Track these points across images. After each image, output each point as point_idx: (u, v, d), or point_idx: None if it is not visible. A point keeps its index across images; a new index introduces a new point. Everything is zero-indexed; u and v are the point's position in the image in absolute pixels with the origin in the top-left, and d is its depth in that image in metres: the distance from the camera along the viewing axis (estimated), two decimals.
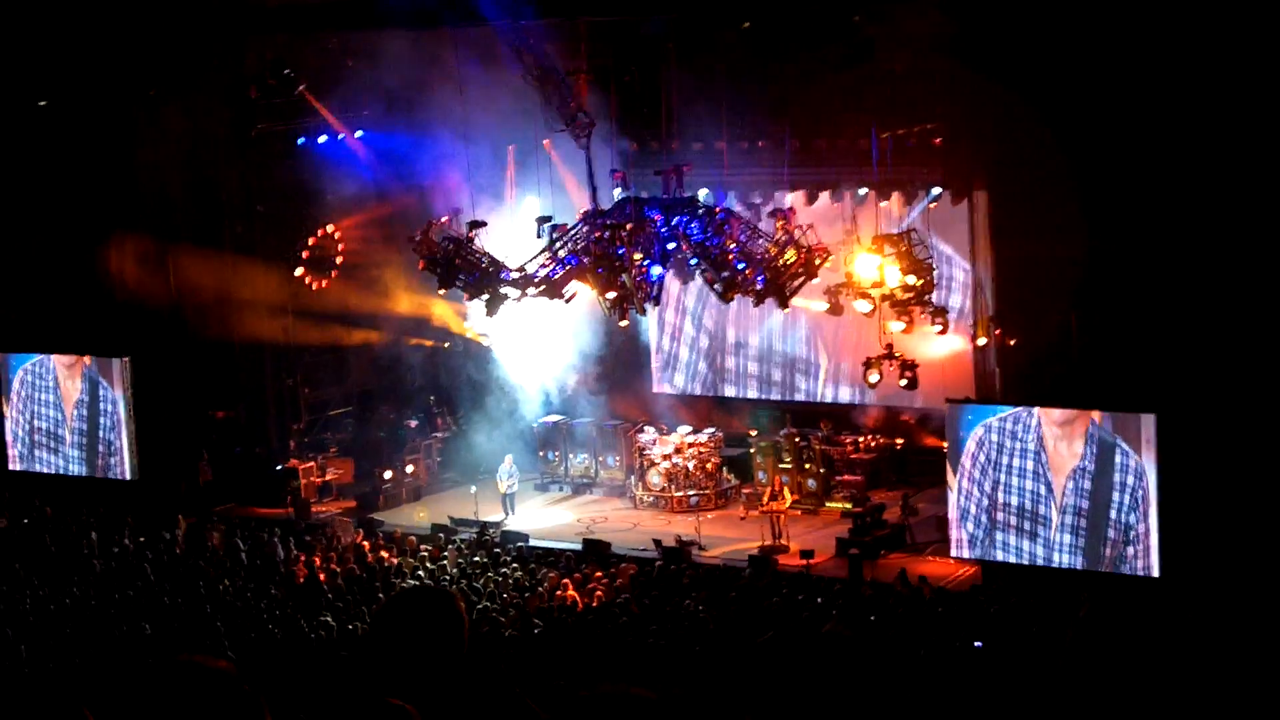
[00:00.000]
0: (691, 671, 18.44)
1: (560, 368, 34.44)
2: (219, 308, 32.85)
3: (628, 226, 28.29)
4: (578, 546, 28.61)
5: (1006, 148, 27.02)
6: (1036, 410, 25.60)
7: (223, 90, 31.90)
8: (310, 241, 34.07)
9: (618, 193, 29.53)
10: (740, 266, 28.13)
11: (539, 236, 29.10)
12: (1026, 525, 25.64)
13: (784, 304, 28.52)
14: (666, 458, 32.40)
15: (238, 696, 3.57)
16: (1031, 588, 24.25)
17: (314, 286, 34.13)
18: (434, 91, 30.37)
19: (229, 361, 33.99)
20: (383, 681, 4.56)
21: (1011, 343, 28.03)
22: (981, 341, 29.86)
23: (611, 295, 28.53)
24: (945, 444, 27.13)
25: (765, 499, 29.55)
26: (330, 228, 34.34)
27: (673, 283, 30.24)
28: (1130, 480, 24.51)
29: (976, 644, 19.76)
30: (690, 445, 32.52)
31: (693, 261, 28.86)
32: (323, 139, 33.57)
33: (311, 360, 35.04)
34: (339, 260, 34.55)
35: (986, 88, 26.01)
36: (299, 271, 33.90)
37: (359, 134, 33.80)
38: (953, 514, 26.29)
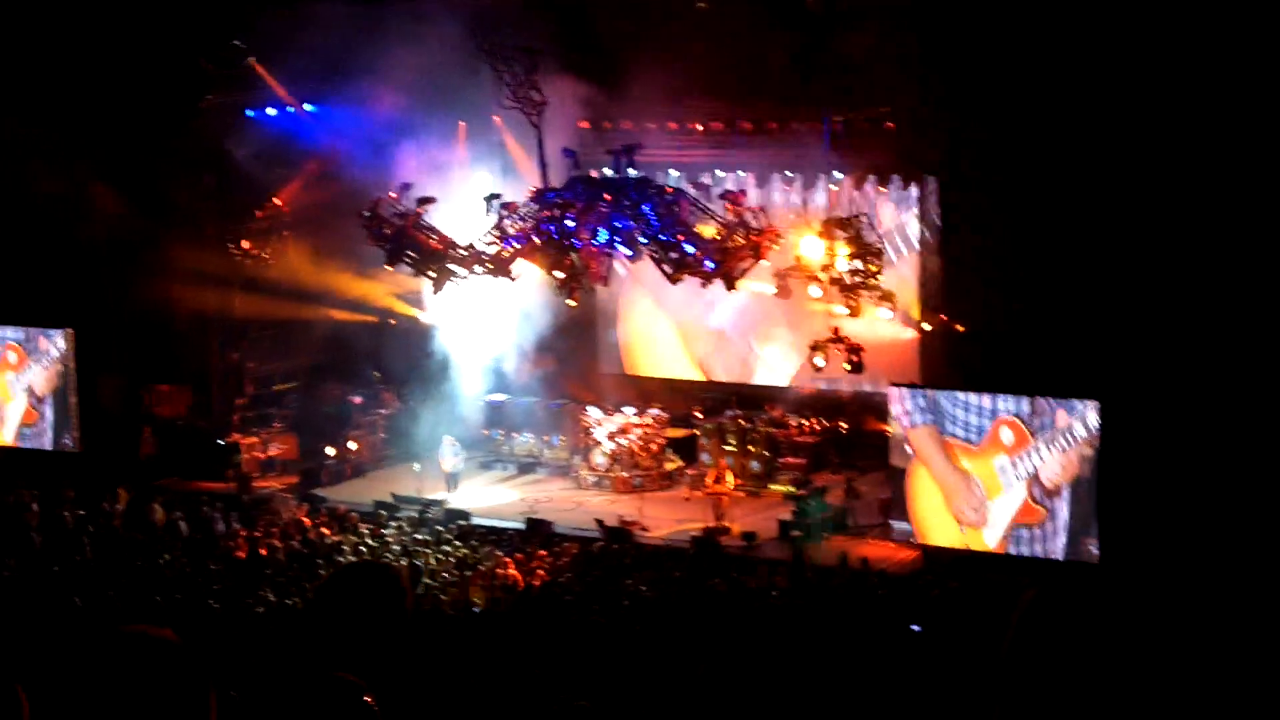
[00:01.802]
0: (632, 650, 18.45)
1: (507, 346, 34.33)
2: (164, 280, 32.57)
3: (577, 205, 28.23)
4: (521, 526, 28.56)
5: (959, 134, 27.09)
6: (973, 396, 25.81)
7: (170, 61, 31.57)
8: (257, 215, 33.81)
9: (568, 171, 29.44)
10: (689, 248, 28.10)
11: (488, 214, 28.99)
12: (970, 515, 25.94)
13: (732, 286, 28.52)
14: (611, 438, 32.39)
15: (183, 665, 3.54)
16: (973, 572, 24.40)
17: (260, 260, 33.88)
18: (385, 66, 30.14)
19: (173, 335, 33.72)
20: (323, 657, 4.53)
21: (958, 329, 28.14)
22: (928, 327, 29.97)
23: (560, 274, 28.49)
24: (889, 428, 27.25)
25: (708, 480, 29.59)
26: (278, 201, 34.09)
27: (621, 263, 30.17)
28: (1049, 464, 24.94)
29: (914, 628, 19.85)
30: (635, 426, 32.51)
31: (642, 241, 28.80)
32: (272, 111, 33.32)
33: (257, 334, 34.79)
34: (286, 234, 34.30)
35: (940, 73, 26.08)
36: (245, 244, 33.65)
37: (308, 107, 33.56)
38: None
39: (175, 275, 32.61)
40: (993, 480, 25.66)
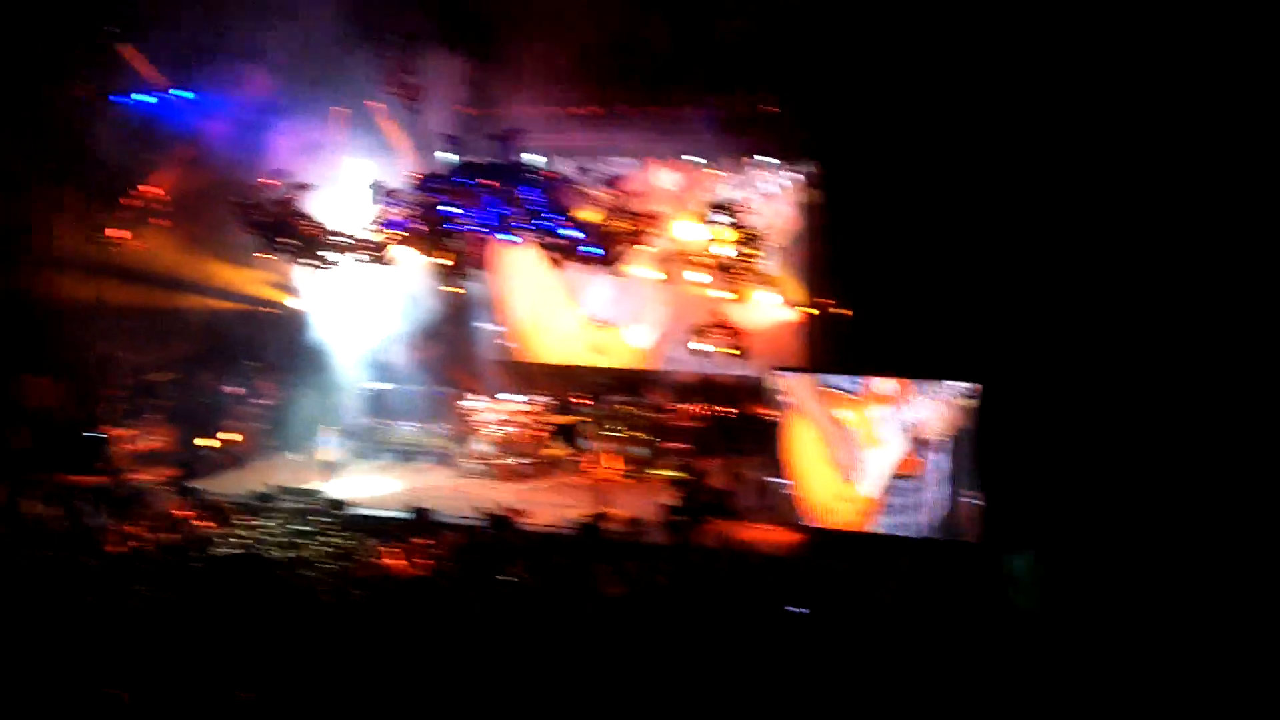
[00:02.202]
0: (514, 637, 18.37)
1: (388, 334, 34.06)
2: (35, 269, 31.90)
3: (458, 191, 28.01)
4: (401, 514, 28.34)
5: (839, 117, 27.22)
6: (863, 380, 25.98)
7: (36, 44, 30.92)
8: (127, 202, 33.17)
9: (448, 157, 29.20)
10: (572, 233, 28.01)
11: (367, 200, 28.69)
12: (849, 465, 26.27)
13: (616, 272, 28.46)
14: (493, 425, 32.21)
15: None
16: (857, 553, 24.55)
17: (132, 248, 33.27)
18: (260, 50, 29.70)
19: (43, 325, 33.01)
20: (200, 648, 4.34)
21: (841, 312, 28.24)
22: (810, 311, 30.07)
23: (441, 260, 28.24)
24: (773, 412, 27.31)
25: (592, 466, 29.51)
26: (149, 188, 33.46)
27: (503, 249, 29.96)
28: (929, 415, 25.27)
29: (800, 610, 19.87)
30: (518, 413, 32.37)
31: (524, 227, 28.66)
32: (143, 97, 32.68)
33: (130, 324, 34.16)
34: (158, 222, 33.69)
35: (821, 57, 26.17)
36: (115, 232, 33.02)
37: (180, 92, 32.95)
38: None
39: (44, 264, 31.96)
40: (871, 431, 25.95)
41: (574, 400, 33.71)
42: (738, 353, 28.14)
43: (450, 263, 28.25)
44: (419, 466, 33.19)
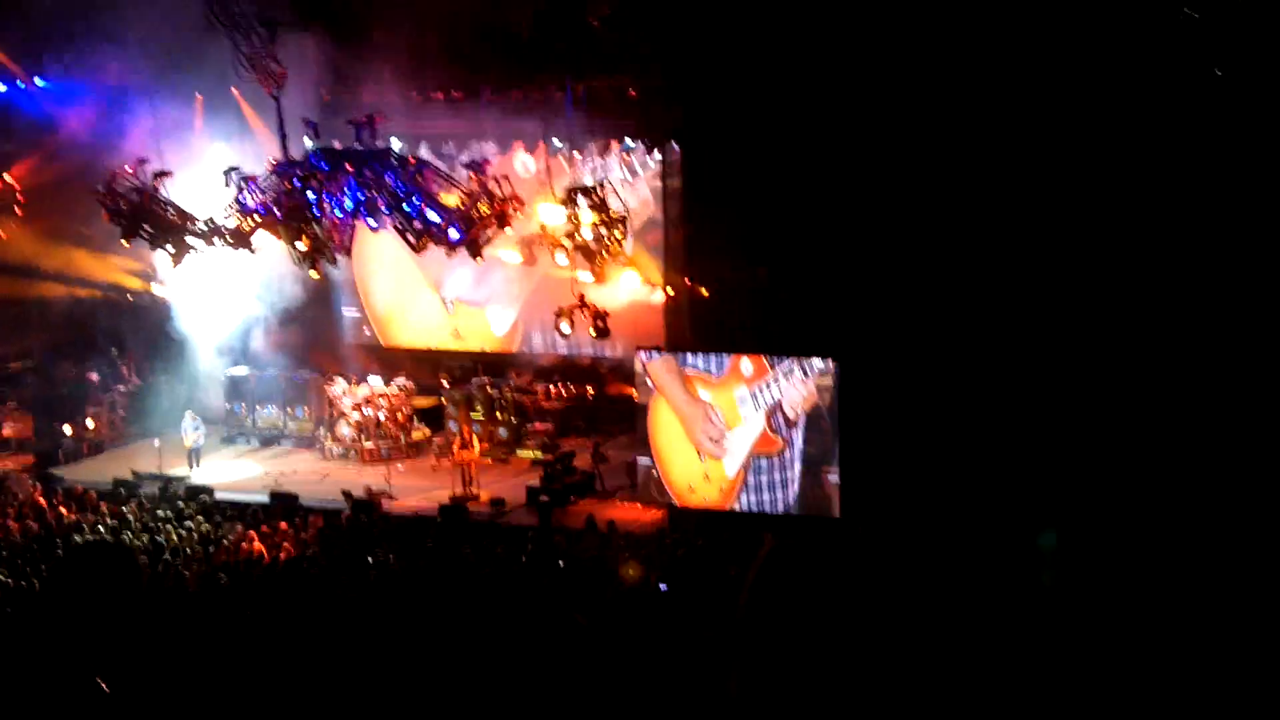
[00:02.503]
0: (378, 622, 18.37)
1: (249, 320, 33.79)
2: None
3: (319, 176, 27.85)
4: (265, 499, 28.19)
5: (700, 100, 27.40)
6: (725, 360, 26.31)
7: None
8: None
9: (309, 142, 29.04)
10: (433, 217, 27.95)
11: (227, 186, 28.41)
12: (710, 445, 26.58)
13: (477, 254, 28.43)
14: (357, 408, 32.14)
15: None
16: (717, 530, 24.83)
17: None
18: (119, 37, 29.32)
19: None
20: (58, 638, 4.49)
21: (702, 292, 28.51)
22: (671, 291, 30.34)
23: (302, 246, 28.06)
24: (635, 391, 27.55)
25: (456, 448, 29.54)
26: (9, 177, 32.90)
27: (364, 234, 29.86)
28: (788, 395, 25.66)
29: (661, 586, 20.11)
30: (381, 396, 32.32)
31: (385, 212, 28.54)
32: (0, 87, 32.22)
33: None
34: (19, 211, 33.13)
35: (681, 40, 26.35)
36: None
37: (39, 81, 32.49)
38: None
39: None
40: (732, 410, 26.27)
41: (438, 383, 33.70)
42: (600, 334, 28.26)
43: (310, 248, 28.06)
44: (282, 451, 33.01)
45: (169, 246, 28.15)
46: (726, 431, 26.37)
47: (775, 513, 25.88)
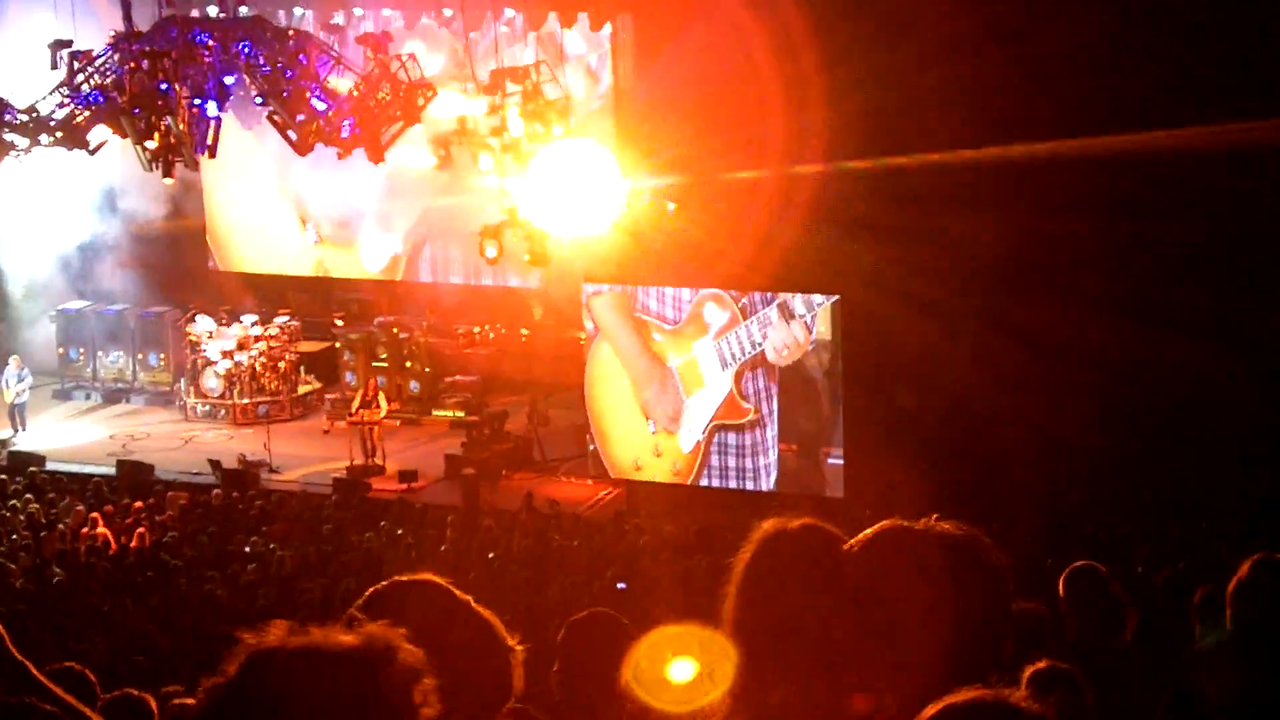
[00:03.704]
0: (258, 627, 18.25)
1: (85, 239, 33.59)
2: None
3: (172, 55, 27.58)
4: (111, 471, 28.10)
5: None
6: (688, 300, 26.22)
7: None
8: None
9: (159, 10, 28.70)
10: (321, 107, 27.77)
11: (54, 67, 28.15)
12: (661, 411, 26.61)
13: (378, 157, 28.25)
14: (227, 355, 31.93)
15: None
16: (689, 512, 24.78)
17: None
18: None
19: None
20: None
21: (670, 208, 28.28)
22: (627, 204, 30.12)
23: (152, 144, 27.78)
24: (582, 335, 27.40)
25: (355, 406, 29.41)
26: None
27: (233, 129, 29.59)
28: (765, 348, 25.67)
29: (620, 585, 20.06)
30: (258, 339, 32.11)
31: (258, 101, 28.34)
32: None
33: None
34: None
35: None
36: None
37: None
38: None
39: None
40: (692, 369, 26.20)
41: (330, 322, 33.56)
42: (537, 259, 28.03)
43: (162, 147, 27.80)
44: (131, 409, 32.95)
45: None
46: (683, 396, 26.29)
47: (759, 490, 25.86)
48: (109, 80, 27.92)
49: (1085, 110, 24.64)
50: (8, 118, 27.90)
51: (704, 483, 26.29)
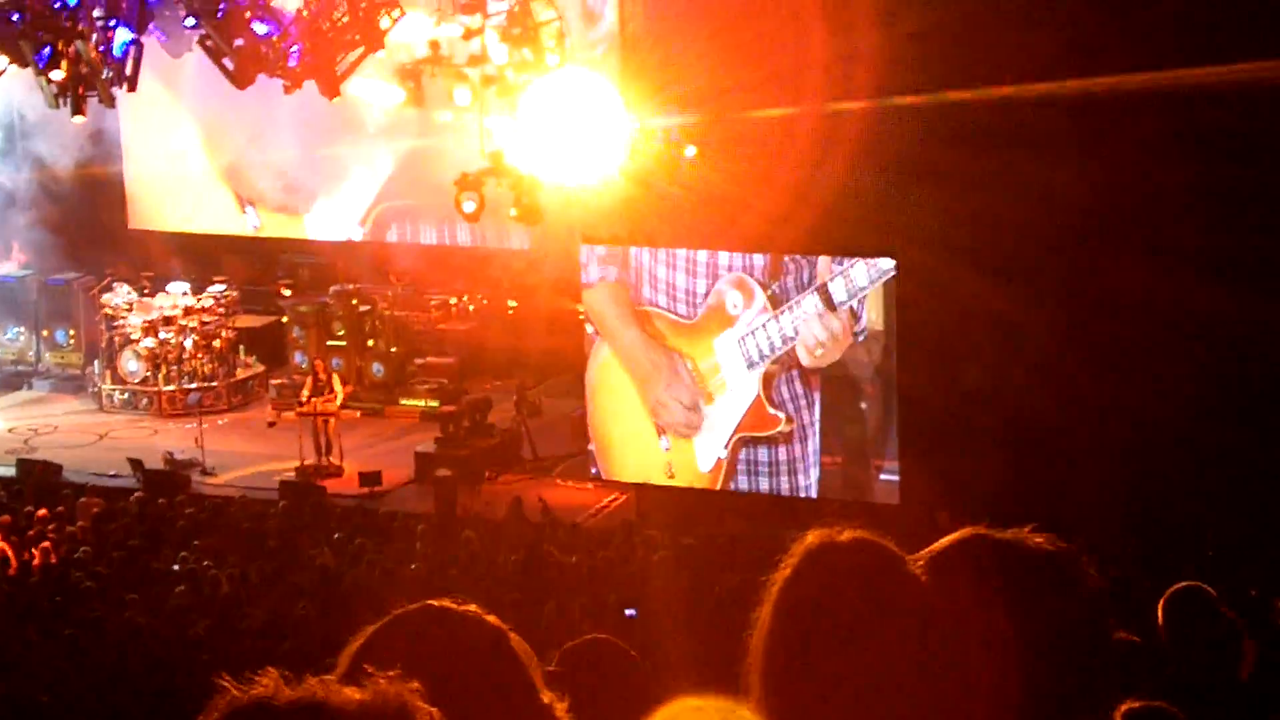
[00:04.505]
0: (194, 659, 18.33)
1: None
2: None
3: None
4: (10, 472, 28.26)
5: None
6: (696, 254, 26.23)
7: None
8: None
9: None
10: (263, 31, 27.75)
11: None
12: (675, 420, 26.49)
13: (333, 90, 28.24)
14: (150, 331, 31.95)
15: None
16: (710, 522, 24.82)
17: None
18: None
19: None
20: None
21: (688, 152, 28.29)
22: (639, 150, 30.09)
23: (58, 75, 27.82)
24: (581, 308, 27.37)
25: (306, 394, 29.44)
26: None
27: (158, 57, 29.59)
28: (799, 344, 25.53)
29: (629, 611, 20.10)
30: (188, 312, 32.13)
31: (188, 23, 28.31)
32: None
33: None
34: None
35: None
36: None
37: None
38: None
39: None
40: (712, 370, 26.07)
41: (275, 291, 33.56)
42: (526, 216, 28.01)
43: (70, 78, 27.82)
44: (33, 396, 33.14)
45: None
46: (702, 403, 26.17)
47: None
48: None
49: (1195, 32, 24.54)
50: None
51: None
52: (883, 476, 25.45)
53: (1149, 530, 22.62)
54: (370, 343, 31.67)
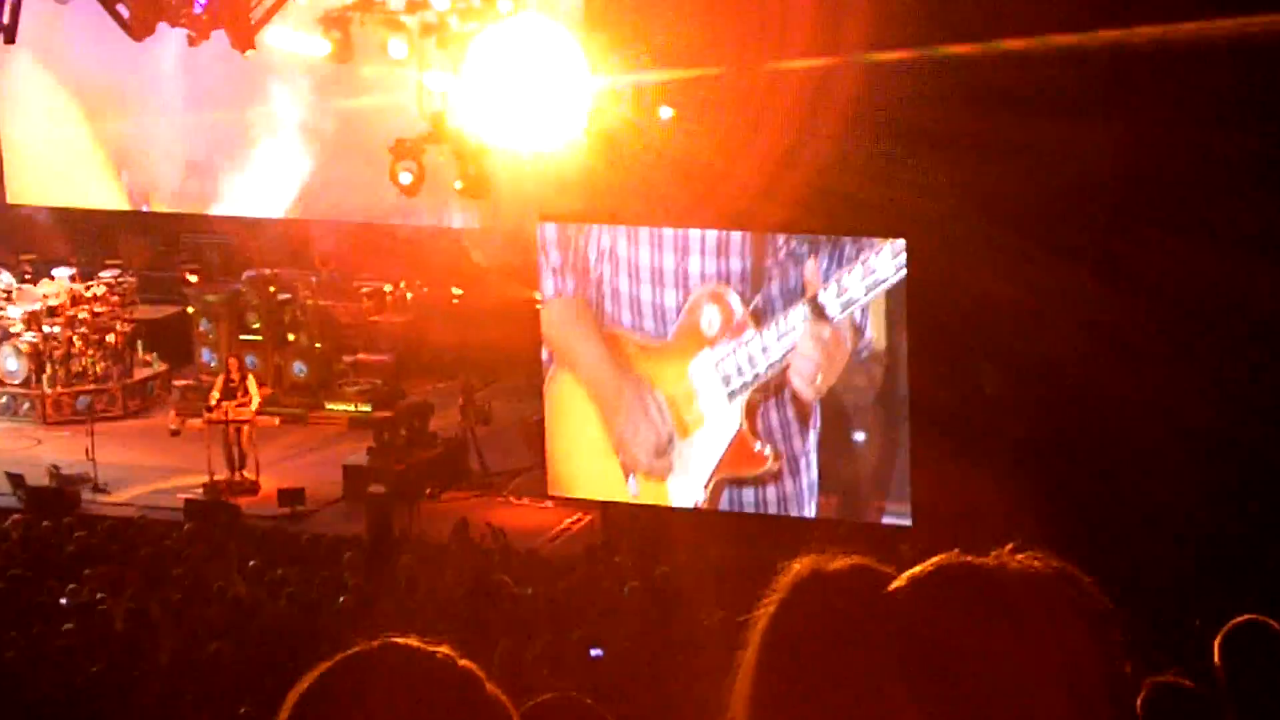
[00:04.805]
0: (84, 709, 18.32)
1: None
2: None
3: None
4: None
5: None
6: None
7: None
8: None
9: None
10: None
11: None
12: (644, 456, 26.35)
13: (246, 42, 28.25)
14: (32, 324, 31.94)
15: None
16: (687, 545, 24.82)
17: None
18: None
19: None
20: None
21: (664, 115, 28.30)
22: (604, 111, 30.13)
23: None
24: (539, 296, 27.36)
25: (216, 397, 29.40)
26: None
27: (40, 5, 29.62)
28: (795, 365, 25.36)
29: (595, 652, 20.13)
30: (76, 301, 32.10)
31: None
32: None
33: None
34: None
35: None
36: None
37: None
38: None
39: None
40: (687, 400, 25.92)
41: (180, 277, 33.55)
42: (472, 189, 28.04)
43: None
44: None
45: None
46: (676, 437, 26.08)
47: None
48: None
49: None
50: None
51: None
52: (885, 519, 25.33)
53: (1204, 556, 22.63)
54: (291, 337, 31.63)
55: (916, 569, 3.57)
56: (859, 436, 25.56)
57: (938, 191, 25.16)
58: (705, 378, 25.74)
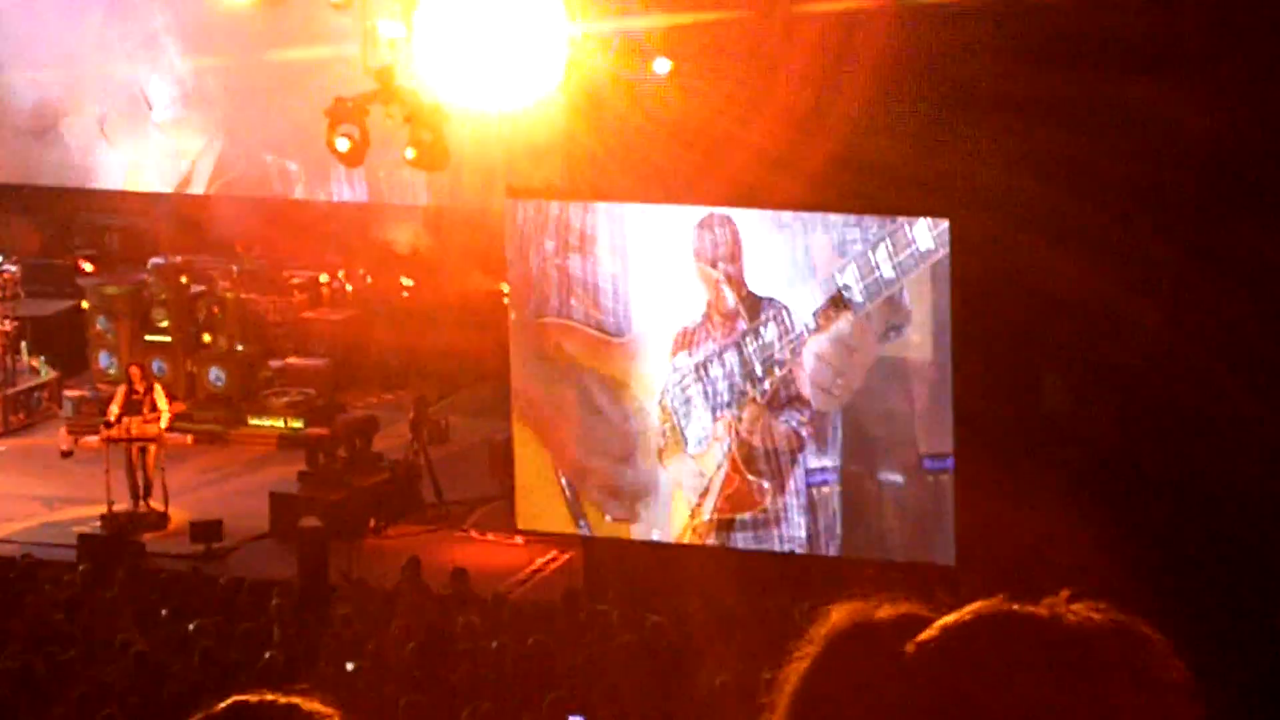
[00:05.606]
0: None
1: None
2: None
3: None
4: None
5: None
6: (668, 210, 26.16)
7: None
8: None
9: None
10: None
11: None
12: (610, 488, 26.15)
13: None
14: None
15: None
16: (688, 591, 24.79)
17: None
18: None
19: None
20: None
21: (661, 68, 28.31)
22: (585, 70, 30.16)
23: None
24: (506, 286, 27.30)
25: (117, 411, 29.35)
26: None
27: None
28: (797, 369, 25.15)
29: (574, 719, 20.15)
30: None
31: None
32: None
33: None
34: None
35: None
36: None
37: None
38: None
39: None
40: (661, 417, 25.68)
41: (74, 265, 33.59)
42: (426, 159, 28.03)
43: None
44: None
45: None
46: (641, 464, 25.92)
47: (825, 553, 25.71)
48: None
49: None
50: None
51: None
52: (923, 558, 25.00)
53: None
54: (206, 338, 31.59)
55: (951, 616, 3.42)
56: (889, 456, 25.13)
57: (989, 161, 25.06)
58: (683, 388, 25.43)
